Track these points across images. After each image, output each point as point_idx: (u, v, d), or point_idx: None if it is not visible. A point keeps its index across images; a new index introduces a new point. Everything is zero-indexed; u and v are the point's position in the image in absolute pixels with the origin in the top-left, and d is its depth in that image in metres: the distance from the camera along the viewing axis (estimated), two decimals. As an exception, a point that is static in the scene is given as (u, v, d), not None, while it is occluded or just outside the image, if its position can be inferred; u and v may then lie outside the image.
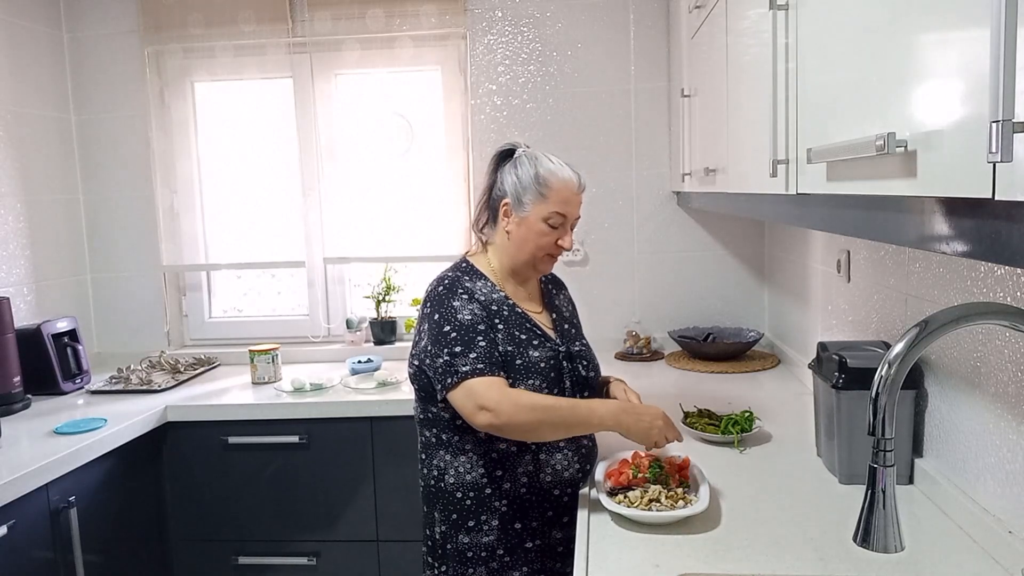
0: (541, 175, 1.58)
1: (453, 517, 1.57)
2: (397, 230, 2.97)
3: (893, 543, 0.91)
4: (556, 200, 1.58)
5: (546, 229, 1.58)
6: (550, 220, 1.58)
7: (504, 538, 1.55)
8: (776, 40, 1.21)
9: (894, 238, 0.84)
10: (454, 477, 1.56)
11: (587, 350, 1.69)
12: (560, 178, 1.58)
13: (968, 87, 0.65)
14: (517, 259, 1.62)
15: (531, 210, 1.58)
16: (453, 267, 1.65)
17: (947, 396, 1.39)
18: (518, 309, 1.60)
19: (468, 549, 1.55)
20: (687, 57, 2.34)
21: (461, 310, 1.52)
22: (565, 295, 1.83)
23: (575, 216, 1.62)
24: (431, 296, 1.57)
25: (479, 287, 1.59)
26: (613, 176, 2.90)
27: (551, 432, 1.48)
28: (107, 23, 2.94)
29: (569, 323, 1.74)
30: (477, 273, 1.62)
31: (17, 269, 2.67)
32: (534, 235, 1.59)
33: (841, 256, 1.95)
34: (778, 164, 1.22)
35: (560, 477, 1.57)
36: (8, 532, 1.75)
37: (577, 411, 1.48)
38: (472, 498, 1.55)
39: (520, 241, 1.60)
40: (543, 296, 1.74)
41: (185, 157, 3.01)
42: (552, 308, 1.72)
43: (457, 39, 2.89)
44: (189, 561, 2.46)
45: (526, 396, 1.46)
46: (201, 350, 3.01)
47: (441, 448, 1.58)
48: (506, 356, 1.51)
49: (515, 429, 1.44)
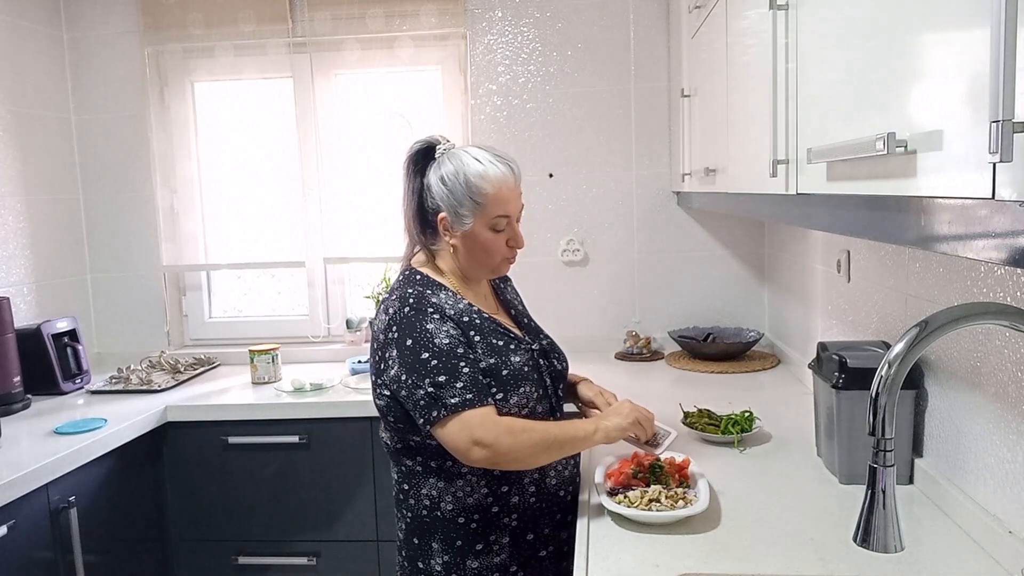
0: (472, 182, 1.44)
1: (458, 544, 1.46)
2: (397, 230, 2.95)
3: (893, 543, 0.91)
4: (495, 204, 1.46)
5: (493, 236, 1.48)
6: (495, 226, 1.48)
7: (517, 553, 1.49)
8: (776, 40, 1.21)
9: (894, 238, 0.84)
10: (452, 503, 1.45)
11: (554, 342, 1.64)
12: (492, 179, 1.45)
13: (968, 87, 0.65)
14: (472, 270, 1.53)
15: (472, 222, 1.47)
16: (408, 281, 1.50)
17: (947, 396, 1.39)
18: (486, 315, 1.50)
19: (478, 574, 1.47)
20: (687, 57, 2.34)
21: (437, 333, 1.39)
22: (511, 287, 1.75)
23: (518, 210, 1.52)
24: (397, 319, 1.42)
25: (444, 300, 1.46)
26: (613, 176, 2.90)
27: (546, 458, 1.42)
28: (107, 23, 2.94)
29: (527, 316, 1.68)
30: (437, 284, 1.50)
31: (17, 269, 2.67)
32: (483, 245, 1.49)
33: (841, 256, 1.95)
34: (778, 164, 1.22)
35: (563, 477, 1.55)
36: (8, 532, 1.75)
37: (565, 430, 1.43)
38: (477, 520, 1.46)
39: (470, 254, 1.50)
40: (495, 293, 1.67)
41: (185, 157, 3.01)
42: (507, 304, 1.66)
43: (457, 39, 2.89)
44: (189, 561, 2.46)
45: (519, 424, 1.38)
46: (201, 350, 3.01)
47: (431, 476, 1.47)
48: (491, 369, 1.42)
49: (512, 461, 1.37)
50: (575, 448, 1.45)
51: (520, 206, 1.53)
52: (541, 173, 2.90)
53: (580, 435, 1.43)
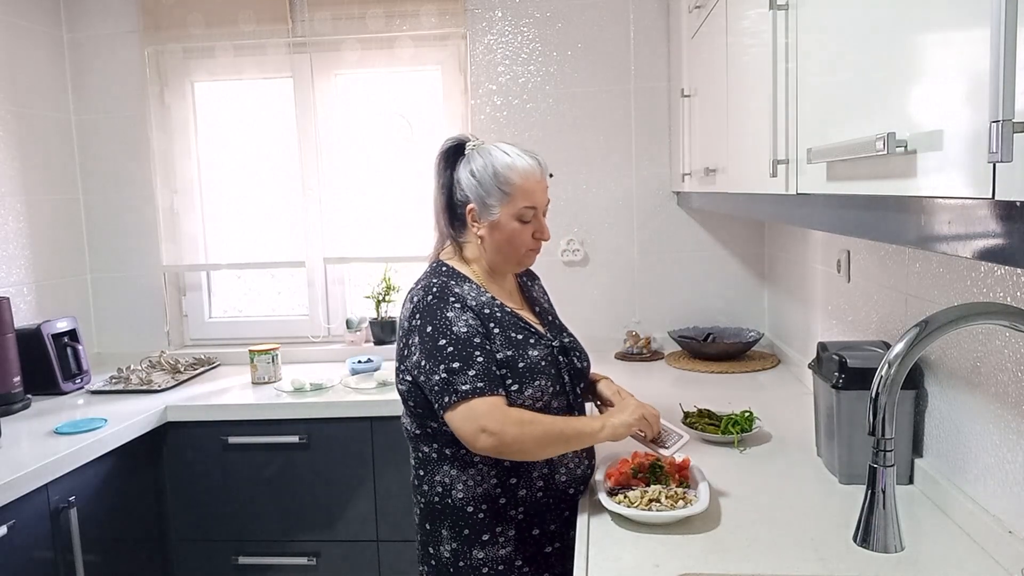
0: (500, 173, 1.50)
1: (465, 533, 1.49)
2: (397, 230, 2.97)
3: (893, 543, 0.91)
4: (522, 195, 1.51)
5: (519, 227, 1.53)
6: (522, 217, 1.52)
7: (522, 547, 1.50)
8: (776, 40, 1.21)
9: (894, 238, 0.84)
10: (463, 491, 1.49)
11: (576, 340, 1.67)
12: (520, 171, 1.51)
13: (968, 87, 0.65)
14: (498, 262, 1.57)
15: (499, 212, 1.51)
16: (434, 272, 1.55)
17: (947, 396, 1.39)
18: (508, 309, 1.54)
19: (483, 565, 1.49)
20: (687, 57, 2.34)
21: (456, 321, 1.44)
22: (539, 285, 1.78)
23: (545, 202, 1.56)
24: (420, 306, 1.47)
25: (467, 291, 1.51)
26: (613, 176, 2.90)
27: (552, 451, 1.45)
28: (107, 23, 2.94)
29: (552, 315, 1.71)
30: (461, 276, 1.54)
31: (17, 269, 2.67)
32: (509, 236, 1.53)
33: (841, 256, 1.95)
34: (778, 164, 1.22)
35: (574, 475, 1.55)
36: (8, 532, 1.75)
37: (571, 424, 1.46)
38: (485, 511, 1.49)
39: (497, 245, 1.54)
40: (521, 290, 1.70)
41: (185, 157, 3.01)
42: (532, 301, 1.69)
43: (457, 39, 2.89)
44: (189, 561, 2.46)
45: (527, 416, 1.41)
46: (201, 350, 3.01)
47: (445, 463, 1.51)
48: (507, 361, 1.46)
49: (518, 451, 1.41)
50: (582, 443, 1.48)
51: (547, 200, 1.57)
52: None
53: (587, 431, 1.46)
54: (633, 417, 1.49)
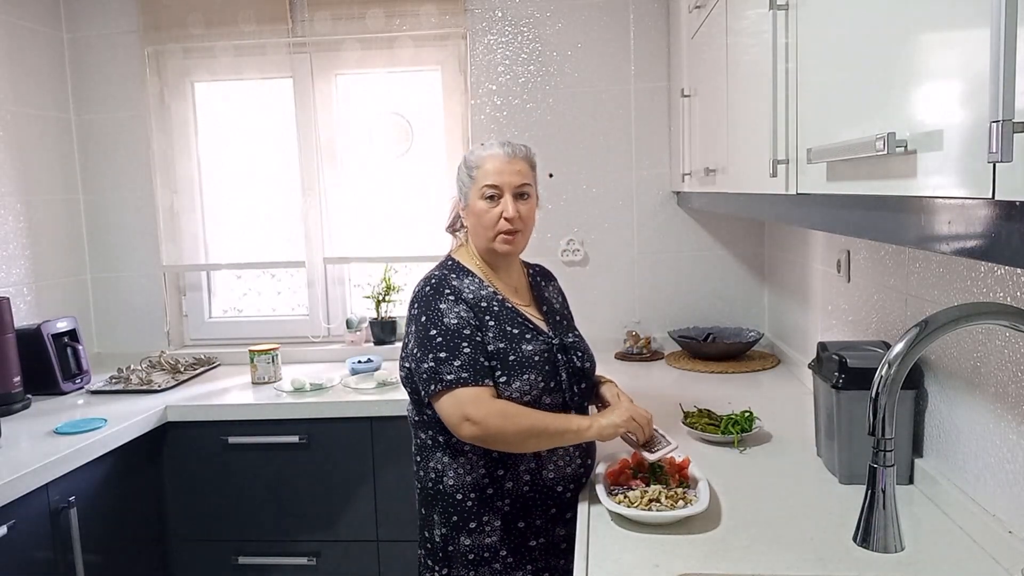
0: (468, 160, 1.62)
1: (454, 519, 1.56)
2: (397, 230, 2.97)
3: (893, 543, 0.91)
4: (484, 174, 1.58)
5: (485, 206, 1.58)
6: (485, 195, 1.58)
7: (507, 538, 1.55)
8: (776, 40, 1.21)
9: (894, 238, 0.84)
10: (454, 479, 1.55)
11: (581, 341, 1.69)
12: (483, 155, 1.60)
13: (968, 87, 0.65)
14: (480, 247, 1.63)
15: (470, 196, 1.61)
16: (439, 265, 1.65)
17: (947, 396, 1.39)
18: (508, 304, 1.60)
19: (470, 551, 1.55)
20: (687, 57, 2.34)
21: (447, 313, 1.51)
22: (555, 286, 1.82)
23: (513, 184, 1.58)
24: (418, 297, 1.56)
25: (467, 284, 1.58)
26: (613, 176, 2.90)
27: (535, 444, 1.49)
28: (107, 23, 2.94)
29: (560, 315, 1.73)
30: (464, 270, 1.62)
31: (17, 269, 2.67)
32: (478, 215, 1.59)
33: (841, 256, 1.95)
34: (778, 164, 1.22)
35: (563, 473, 1.57)
36: (8, 532, 1.75)
37: (558, 421, 1.49)
38: (473, 499, 1.54)
39: (473, 228, 1.62)
40: (531, 288, 1.74)
41: (185, 157, 3.01)
42: (542, 300, 1.72)
43: (457, 39, 2.89)
44: (189, 561, 2.46)
45: (512, 408, 1.47)
46: (201, 350, 3.01)
47: (438, 450, 1.57)
48: (498, 353, 1.51)
49: (500, 442, 1.46)
50: (567, 440, 1.51)
51: (516, 182, 1.59)
52: (541, 173, 2.88)
53: (573, 428, 1.50)
54: (622, 419, 1.52)
